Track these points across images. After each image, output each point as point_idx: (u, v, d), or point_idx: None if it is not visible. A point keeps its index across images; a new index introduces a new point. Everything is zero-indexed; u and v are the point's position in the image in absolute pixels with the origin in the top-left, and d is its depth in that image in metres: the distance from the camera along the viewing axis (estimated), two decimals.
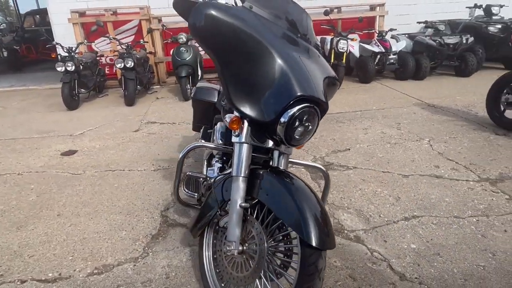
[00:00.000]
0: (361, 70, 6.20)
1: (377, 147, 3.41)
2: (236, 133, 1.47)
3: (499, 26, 6.20)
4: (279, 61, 1.39)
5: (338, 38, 5.71)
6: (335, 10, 7.30)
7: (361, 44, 6.31)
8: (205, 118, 2.71)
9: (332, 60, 5.74)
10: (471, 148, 3.29)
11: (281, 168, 1.58)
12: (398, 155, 3.20)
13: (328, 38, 5.91)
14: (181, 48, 5.58)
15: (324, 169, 1.85)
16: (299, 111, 1.38)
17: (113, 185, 2.89)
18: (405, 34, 6.94)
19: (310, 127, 1.46)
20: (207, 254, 1.68)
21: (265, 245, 1.38)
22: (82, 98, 5.81)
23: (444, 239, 2.04)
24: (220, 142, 1.95)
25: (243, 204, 1.43)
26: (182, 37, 5.61)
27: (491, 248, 1.95)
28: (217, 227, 1.69)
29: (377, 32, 6.49)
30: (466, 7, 6.89)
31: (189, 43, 5.76)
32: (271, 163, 1.63)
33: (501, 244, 1.98)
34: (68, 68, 5.19)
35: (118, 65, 5.34)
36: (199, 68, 5.88)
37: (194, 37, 1.36)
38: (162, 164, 3.25)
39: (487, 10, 6.57)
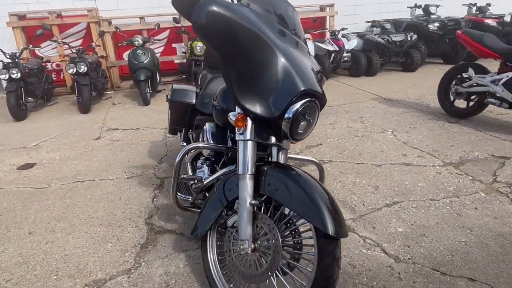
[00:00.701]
0: None
1: (347, 141, 3.56)
2: (241, 131, 1.47)
3: (437, 24, 6.76)
4: (280, 57, 1.41)
5: None
6: None
7: (315, 43, 6.52)
8: (183, 120, 2.65)
9: None
10: (431, 136, 3.55)
11: (281, 161, 1.60)
12: (367, 147, 3.37)
13: None
14: (137, 51, 5.38)
15: (318, 162, 1.89)
16: (302, 106, 1.41)
17: (85, 196, 2.72)
18: (354, 33, 7.29)
19: (311, 121, 1.49)
20: (212, 256, 1.64)
21: (279, 240, 1.39)
22: (29, 107, 5.38)
23: (426, 221, 2.18)
24: (212, 142, 1.92)
25: (253, 202, 1.43)
26: (138, 40, 5.41)
27: (467, 224, 2.13)
28: (219, 228, 1.66)
29: (330, 31, 6.75)
30: (407, 7, 7.42)
31: (145, 46, 5.57)
32: (269, 159, 1.64)
33: (475, 220, 2.16)
34: (13, 76, 4.77)
35: (70, 70, 5.01)
36: (157, 71, 5.71)
37: (198, 35, 1.33)
38: (135, 171, 3.12)
39: (426, 9, 7.12)
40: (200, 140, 2.04)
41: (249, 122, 1.46)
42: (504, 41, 4.12)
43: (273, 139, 1.55)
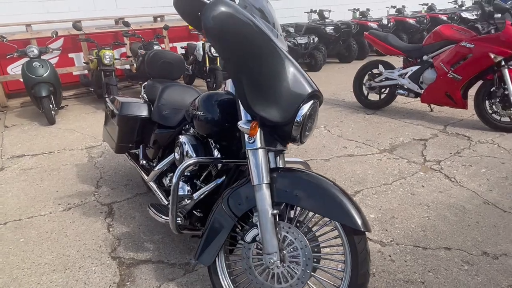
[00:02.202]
0: None
1: None
2: (252, 140, 1.39)
3: (333, 27, 7.46)
4: (285, 59, 1.38)
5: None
6: None
7: None
8: (134, 136, 2.40)
9: (207, 65, 5.79)
10: (358, 127, 3.91)
11: (281, 166, 1.56)
12: (309, 144, 3.53)
13: (199, 43, 5.92)
14: (34, 63, 4.64)
15: (304, 161, 1.91)
16: (309, 108, 1.40)
17: (17, 241, 2.23)
18: None
19: (314, 121, 1.50)
20: (226, 282, 1.51)
21: (309, 246, 1.36)
22: None
23: (389, 204, 2.39)
24: (194, 155, 1.77)
25: (275, 211, 1.37)
26: (34, 50, 4.67)
27: (423, 201, 2.40)
28: (225, 247, 1.55)
29: None
30: (305, 12, 8.02)
31: (42, 57, 4.84)
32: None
33: (427, 197, 2.46)
34: None
35: None
36: (59, 85, 5.01)
37: (211, 39, 1.21)
38: (71, 201, 2.68)
39: (321, 14, 7.80)
40: (177, 155, 1.85)
41: (258, 129, 1.39)
42: None
43: (278, 145, 1.51)
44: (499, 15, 3.48)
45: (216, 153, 1.75)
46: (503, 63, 3.36)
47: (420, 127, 3.80)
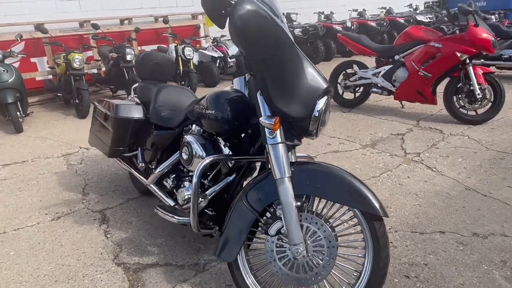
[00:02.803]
0: (206, 74, 6.45)
1: None
2: (273, 135, 1.43)
3: (301, 29, 7.66)
4: (302, 55, 1.43)
5: (183, 46, 5.73)
6: (160, 19, 7.25)
7: (200, 50, 6.54)
8: (127, 139, 2.35)
9: (181, 68, 5.73)
10: (338, 125, 4.05)
11: (293, 160, 1.61)
12: None
13: (172, 46, 5.84)
14: None
15: (309, 156, 1.97)
16: (325, 103, 1.47)
17: (7, 254, 2.10)
18: (230, 40, 7.59)
19: (327, 115, 1.57)
20: (249, 277, 1.53)
21: (332, 235, 1.41)
22: None
23: (381, 195, 2.52)
24: (204, 154, 1.78)
25: (298, 204, 1.41)
26: None
27: (411, 191, 2.55)
28: (245, 242, 1.57)
29: (212, 38, 6.87)
30: None
31: (5, 61, 4.56)
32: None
33: (414, 186, 2.61)
34: None
35: None
36: (25, 91, 4.74)
37: (238, 37, 1.24)
38: (58, 210, 2.56)
39: (288, 17, 7.97)
40: (184, 155, 1.84)
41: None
42: None
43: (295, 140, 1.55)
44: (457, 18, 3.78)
45: (226, 150, 1.77)
46: (468, 61, 3.64)
47: (395, 122, 4.01)
